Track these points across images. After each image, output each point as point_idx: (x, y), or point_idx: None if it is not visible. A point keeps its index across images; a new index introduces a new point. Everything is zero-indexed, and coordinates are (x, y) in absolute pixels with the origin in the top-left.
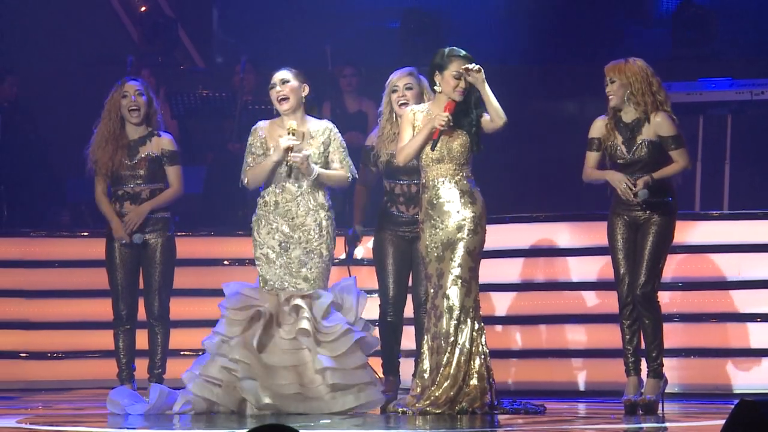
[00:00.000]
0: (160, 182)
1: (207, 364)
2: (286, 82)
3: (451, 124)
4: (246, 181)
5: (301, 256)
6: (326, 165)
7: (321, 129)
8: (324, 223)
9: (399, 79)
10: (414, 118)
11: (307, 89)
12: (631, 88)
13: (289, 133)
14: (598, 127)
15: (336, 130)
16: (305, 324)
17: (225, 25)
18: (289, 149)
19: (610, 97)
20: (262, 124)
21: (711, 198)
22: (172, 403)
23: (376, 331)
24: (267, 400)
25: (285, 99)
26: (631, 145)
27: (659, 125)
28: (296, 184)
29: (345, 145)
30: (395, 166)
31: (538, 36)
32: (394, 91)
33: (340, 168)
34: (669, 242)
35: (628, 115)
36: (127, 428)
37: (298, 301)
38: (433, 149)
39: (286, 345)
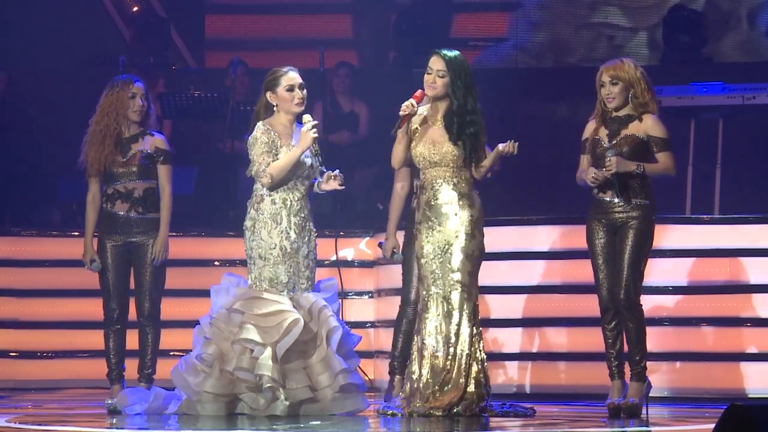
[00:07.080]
0: (153, 179)
1: (205, 380)
2: (303, 87)
3: (416, 109)
4: (270, 181)
5: (309, 256)
6: None
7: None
8: (313, 225)
9: None
10: (411, 121)
11: None
12: (633, 90)
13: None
14: (588, 129)
15: None
16: (334, 322)
17: (216, 25)
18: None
19: (610, 99)
20: (267, 125)
21: (702, 202)
22: (167, 405)
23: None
24: (280, 411)
25: (302, 103)
26: (614, 137)
27: (651, 126)
28: (303, 186)
29: None
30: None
31: (529, 39)
32: None
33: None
34: (649, 245)
35: (620, 111)
36: (117, 428)
37: (318, 300)
38: (392, 133)
39: (301, 347)
